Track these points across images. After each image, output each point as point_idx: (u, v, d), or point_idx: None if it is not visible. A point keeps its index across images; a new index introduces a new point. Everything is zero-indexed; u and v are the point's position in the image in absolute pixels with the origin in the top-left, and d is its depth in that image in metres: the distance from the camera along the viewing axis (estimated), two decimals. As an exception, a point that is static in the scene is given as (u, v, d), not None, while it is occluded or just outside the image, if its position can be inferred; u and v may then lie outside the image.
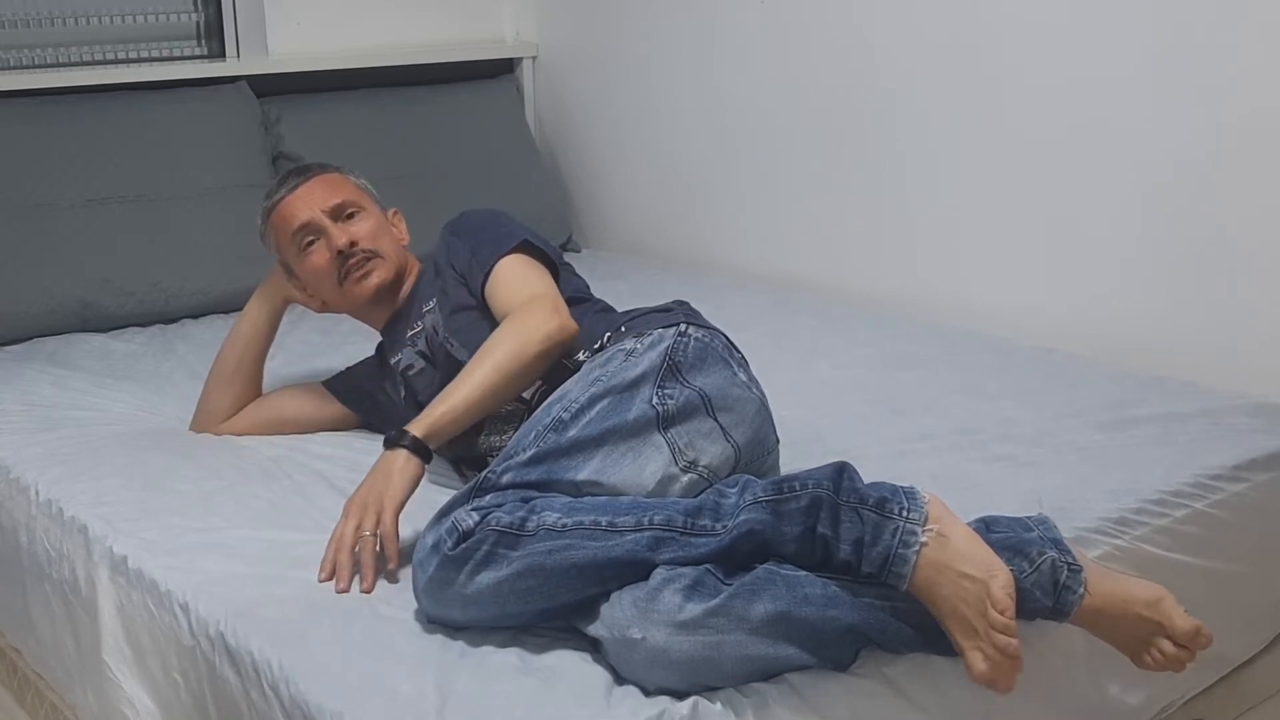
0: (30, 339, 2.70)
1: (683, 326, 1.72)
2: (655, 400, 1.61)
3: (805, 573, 1.44)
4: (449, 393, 1.73)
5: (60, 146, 2.81)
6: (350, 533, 1.62)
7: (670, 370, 1.65)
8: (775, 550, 1.46)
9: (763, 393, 1.77)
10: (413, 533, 1.74)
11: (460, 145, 3.32)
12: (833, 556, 1.46)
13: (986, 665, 1.39)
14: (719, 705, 1.35)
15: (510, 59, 3.62)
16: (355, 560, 1.61)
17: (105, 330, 2.77)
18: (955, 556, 1.43)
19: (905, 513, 1.45)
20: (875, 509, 1.46)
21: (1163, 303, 2.42)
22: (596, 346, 1.81)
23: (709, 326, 1.80)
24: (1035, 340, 2.53)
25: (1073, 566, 1.50)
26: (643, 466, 1.57)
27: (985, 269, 2.70)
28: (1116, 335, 2.48)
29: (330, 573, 1.61)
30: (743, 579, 1.41)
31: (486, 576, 1.43)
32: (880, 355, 2.46)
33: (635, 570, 1.42)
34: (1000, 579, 1.41)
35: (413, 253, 2.12)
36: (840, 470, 1.50)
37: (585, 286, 2.04)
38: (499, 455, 1.58)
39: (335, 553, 1.61)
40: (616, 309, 1.99)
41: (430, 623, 1.49)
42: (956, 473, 1.89)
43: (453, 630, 1.47)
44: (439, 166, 3.25)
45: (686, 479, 1.60)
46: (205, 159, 2.95)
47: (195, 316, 2.87)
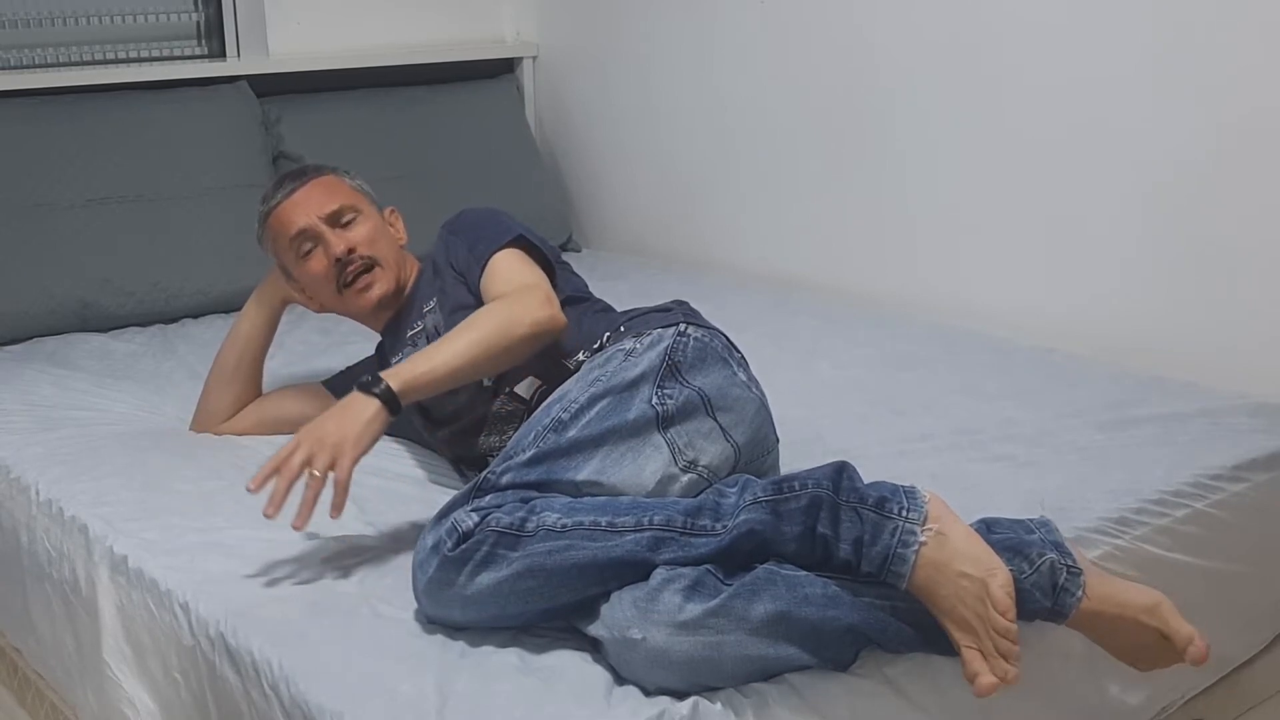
0: (30, 339, 2.70)
1: (682, 326, 1.72)
2: (655, 400, 1.61)
3: (805, 573, 1.44)
4: (431, 354, 1.71)
5: (60, 146, 2.81)
6: (298, 464, 1.57)
7: (670, 370, 1.65)
8: (775, 550, 1.46)
9: (762, 392, 1.77)
10: (409, 526, 1.74)
11: (460, 145, 3.32)
12: (833, 556, 1.46)
13: (985, 665, 1.39)
14: (719, 705, 1.35)
15: (510, 59, 3.62)
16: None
17: (105, 330, 2.77)
18: (954, 555, 1.43)
19: (904, 512, 1.46)
20: (875, 508, 1.46)
21: (1163, 303, 2.42)
22: (596, 346, 1.81)
23: (708, 326, 1.80)
24: (1035, 340, 2.53)
25: (1072, 569, 1.50)
26: (642, 466, 1.57)
27: (985, 269, 2.70)
28: (1116, 335, 2.48)
29: (272, 501, 1.56)
30: (743, 579, 1.41)
31: (486, 577, 1.43)
32: (880, 355, 2.46)
33: (635, 570, 1.43)
34: (999, 578, 1.41)
35: (411, 252, 2.12)
36: (840, 470, 1.50)
37: (584, 286, 2.03)
38: (498, 456, 1.58)
39: (278, 479, 1.57)
40: (616, 309, 1.99)
41: (430, 623, 1.49)
42: (956, 473, 1.89)
43: (453, 630, 1.47)
44: (439, 166, 3.25)
45: (686, 479, 1.60)
46: (205, 159, 2.95)
47: (195, 316, 2.87)
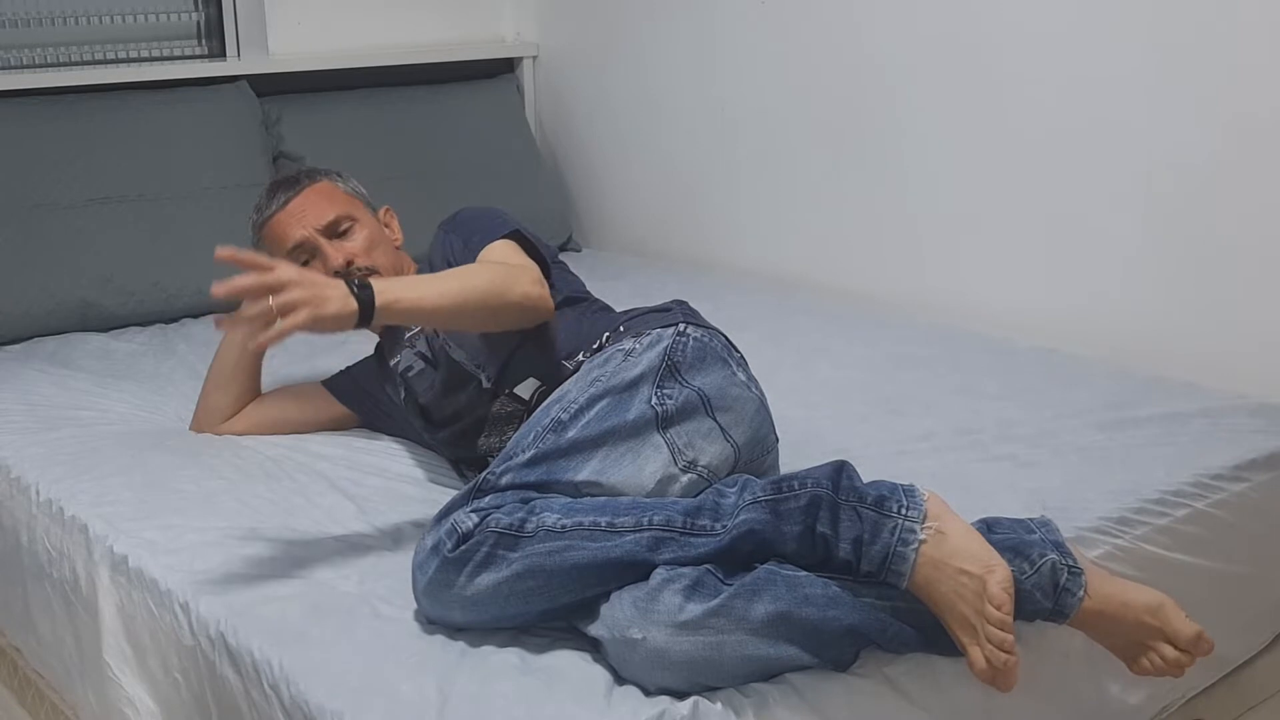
0: (30, 339, 2.70)
1: (681, 326, 1.72)
2: (654, 400, 1.61)
3: (806, 573, 1.44)
4: (421, 283, 1.64)
5: (60, 146, 2.81)
6: (273, 282, 1.48)
7: (669, 370, 1.65)
8: (775, 550, 1.46)
9: (762, 392, 1.77)
10: (410, 526, 1.74)
11: (460, 145, 3.32)
12: (832, 555, 1.46)
13: (986, 662, 1.39)
14: (719, 705, 1.35)
15: (510, 59, 3.62)
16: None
17: (106, 330, 2.77)
18: (953, 553, 1.43)
19: (904, 510, 1.46)
20: (874, 507, 1.46)
21: (1163, 303, 2.42)
22: (595, 346, 1.81)
23: (708, 326, 1.79)
24: (1035, 340, 2.53)
25: (1073, 569, 1.50)
26: (642, 467, 1.57)
27: (985, 269, 2.70)
28: (1116, 335, 2.48)
29: (227, 286, 1.46)
30: (743, 579, 1.41)
31: (486, 578, 1.43)
32: (880, 355, 2.46)
33: (635, 570, 1.43)
34: (998, 575, 1.41)
35: (408, 253, 2.12)
36: (839, 469, 1.50)
37: (582, 286, 2.03)
38: (498, 456, 1.58)
39: (250, 280, 1.48)
40: (615, 309, 1.99)
41: (431, 623, 1.49)
42: (956, 473, 1.89)
43: (453, 630, 1.47)
44: (439, 166, 3.25)
45: (686, 479, 1.60)
46: (205, 159, 2.95)
47: (195, 316, 2.87)
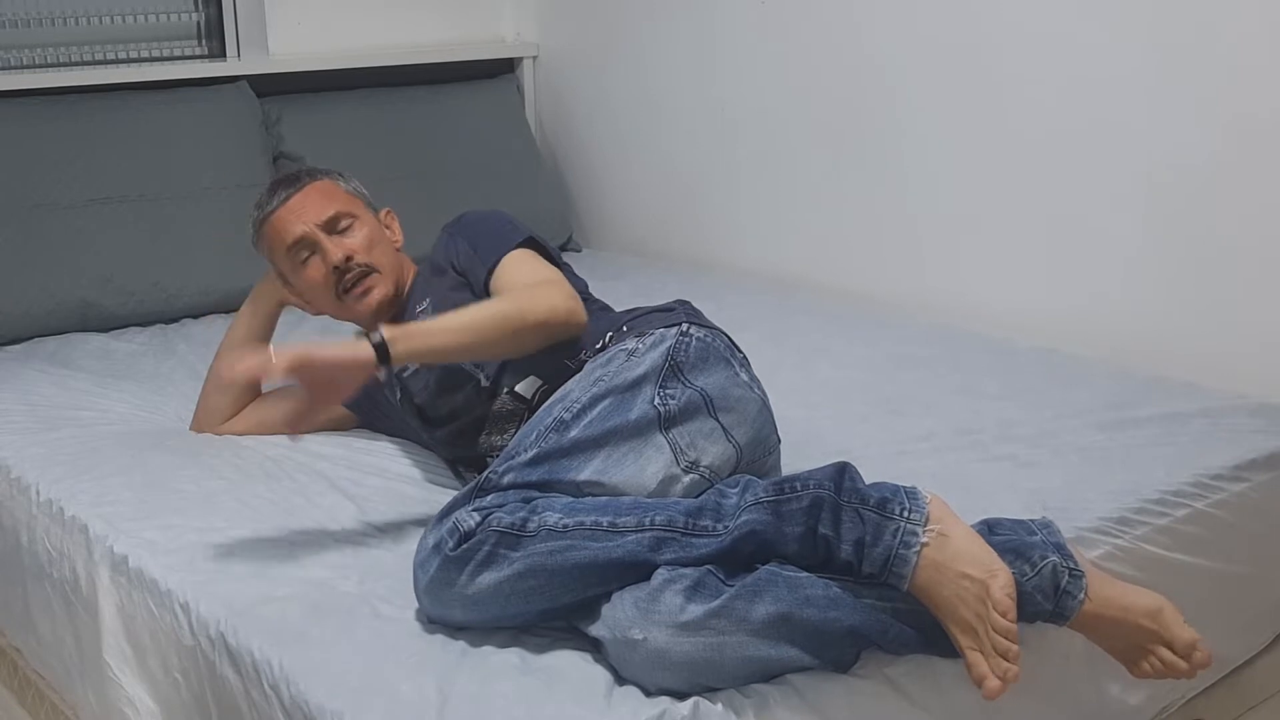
0: (31, 339, 2.70)
1: (684, 326, 1.72)
2: (657, 400, 1.61)
3: (807, 574, 1.44)
4: (436, 322, 1.68)
5: (60, 146, 2.81)
6: (272, 354, 1.58)
7: (672, 370, 1.65)
8: (777, 551, 1.46)
9: (764, 392, 1.77)
10: (410, 526, 1.74)
11: (460, 145, 3.31)
12: (834, 557, 1.46)
13: (987, 666, 1.39)
14: (720, 706, 1.35)
15: (510, 59, 3.61)
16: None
17: (106, 330, 2.77)
18: (956, 556, 1.43)
19: (906, 513, 1.46)
20: (876, 509, 1.46)
21: (1163, 303, 2.42)
22: (598, 346, 1.81)
23: (710, 326, 1.79)
24: (1035, 340, 2.53)
25: (1074, 571, 1.50)
26: (644, 467, 1.57)
27: (986, 269, 2.70)
28: (1116, 335, 2.48)
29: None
30: (744, 580, 1.41)
31: (488, 577, 1.43)
32: (880, 355, 2.46)
33: (636, 571, 1.43)
34: (1000, 579, 1.41)
35: (409, 254, 2.12)
36: (841, 470, 1.50)
37: (585, 286, 2.03)
38: (500, 455, 1.58)
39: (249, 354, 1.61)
40: (615, 308, 1.99)
41: (431, 623, 1.49)
42: (957, 473, 1.89)
43: (453, 630, 1.47)
44: (439, 166, 3.25)
45: (688, 479, 1.60)
46: (205, 159, 2.95)
47: (196, 316, 2.87)
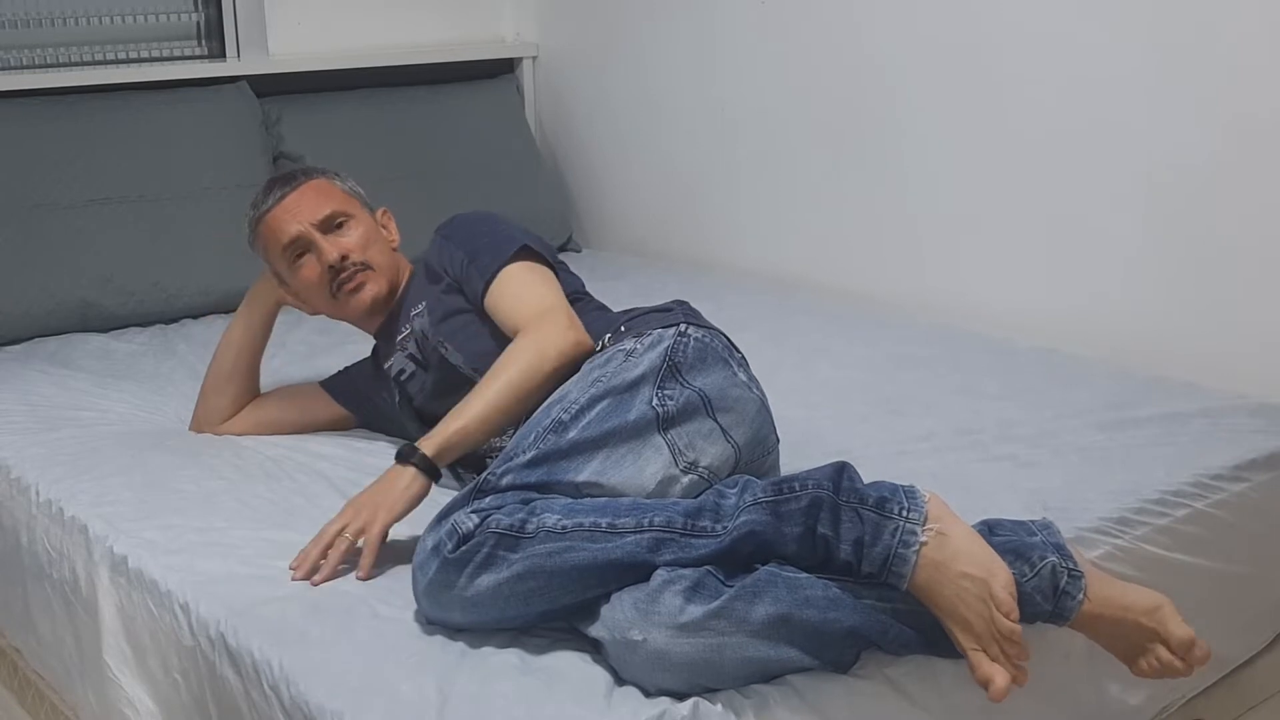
0: (31, 339, 2.70)
1: (682, 327, 1.72)
2: (655, 401, 1.61)
3: (807, 574, 1.44)
4: (462, 410, 1.72)
5: (60, 146, 2.81)
6: (333, 532, 1.63)
7: (670, 371, 1.65)
8: (776, 551, 1.45)
9: (763, 392, 1.77)
10: (410, 536, 1.74)
11: (460, 145, 3.31)
12: (833, 557, 1.45)
13: (993, 668, 1.39)
14: (719, 706, 1.35)
15: (510, 59, 3.61)
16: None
17: (106, 330, 2.77)
18: (955, 556, 1.43)
19: (905, 512, 1.45)
20: (875, 509, 1.46)
21: (1163, 303, 2.42)
22: (597, 347, 1.81)
23: (709, 326, 1.79)
24: (1035, 340, 2.53)
25: (1073, 572, 1.50)
26: (643, 468, 1.57)
27: (986, 269, 2.70)
28: (1116, 335, 2.48)
29: (302, 565, 1.61)
30: (744, 581, 1.41)
31: (487, 579, 1.43)
32: (880, 355, 2.46)
33: (636, 572, 1.42)
34: (1000, 578, 1.41)
35: (404, 254, 2.12)
36: (840, 470, 1.50)
37: (581, 285, 2.03)
38: (498, 457, 1.58)
39: (311, 544, 1.63)
40: (612, 308, 1.99)
41: (430, 624, 1.49)
42: (957, 473, 1.89)
43: (453, 630, 1.47)
44: (439, 166, 3.25)
45: (687, 480, 1.60)
46: (205, 159, 2.95)
47: (196, 316, 2.87)
